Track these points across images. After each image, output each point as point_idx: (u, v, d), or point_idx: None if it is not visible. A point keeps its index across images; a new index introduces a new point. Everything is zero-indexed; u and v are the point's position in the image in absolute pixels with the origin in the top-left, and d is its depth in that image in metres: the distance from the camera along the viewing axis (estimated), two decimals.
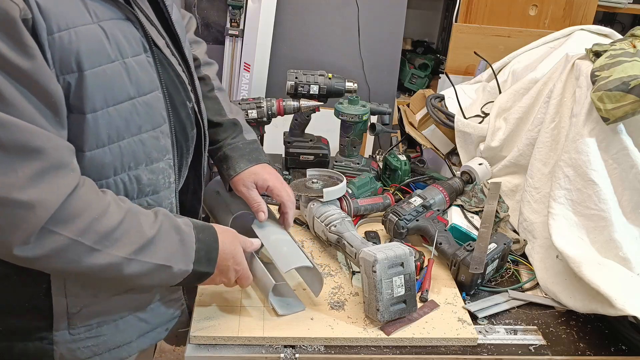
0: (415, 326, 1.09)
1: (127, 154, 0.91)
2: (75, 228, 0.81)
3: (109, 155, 0.89)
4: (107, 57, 0.85)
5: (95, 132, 0.86)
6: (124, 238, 0.86)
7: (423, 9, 2.95)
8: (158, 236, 0.90)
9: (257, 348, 1.04)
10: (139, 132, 0.92)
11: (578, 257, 1.15)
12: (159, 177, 0.99)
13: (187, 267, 0.93)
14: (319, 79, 1.61)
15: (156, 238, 0.89)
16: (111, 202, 0.86)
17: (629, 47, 1.26)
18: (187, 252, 0.93)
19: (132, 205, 0.90)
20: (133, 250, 0.87)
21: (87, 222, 0.82)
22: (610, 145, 1.20)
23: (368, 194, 1.50)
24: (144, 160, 0.95)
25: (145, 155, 0.94)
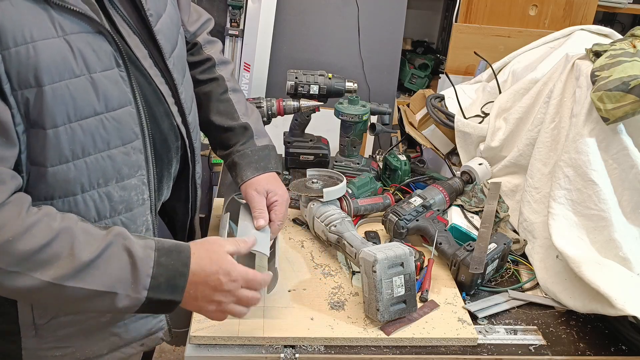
0: (415, 326, 1.09)
1: (95, 170, 0.88)
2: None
3: (73, 171, 0.86)
4: (70, 71, 0.81)
5: (57, 148, 0.83)
6: (52, 261, 0.80)
7: (423, 9, 2.95)
8: (99, 260, 0.82)
9: (257, 348, 1.04)
10: (107, 147, 0.89)
11: (578, 257, 1.15)
12: (131, 194, 0.95)
13: (137, 295, 0.84)
14: (319, 79, 1.61)
15: (96, 262, 0.82)
16: (38, 222, 0.81)
17: (629, 47, 1.26)
18: (139, 278, 0.84)
19: (72, 224, 0.84)
20: (61, 274, 0.80)
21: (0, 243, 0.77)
22: (610, 145, 1.20)
23: (368, 194, 1.50)
24: (114, 176, 0.91)
25: (115, 171, 0.91)
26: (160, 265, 0.86)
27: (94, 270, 0.82)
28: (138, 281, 0.84)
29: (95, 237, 0.84)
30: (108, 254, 0.83)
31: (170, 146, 1.03)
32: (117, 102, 0.88)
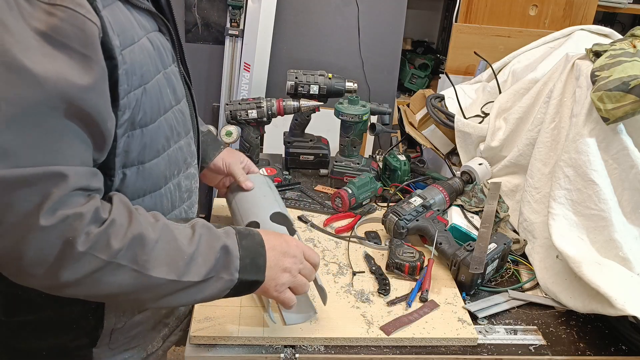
0: (415, 326, 1.09)
1: (172, 161, 0.92)
2: (111, 250, 0.76)
3: (161, 164, 0.90)
4: (156, 68, 0.85)
5: (153, 144, 0.86)
6: (165, 256, 0.80)
7: (423, 9, 2.95)
8: (198, 251, 0.83)
9: (257, 348, 1.03)
10: (179, 138, 0.93)
11: (578, 257, 1.15)
12: (191, 182, 1.00)
13: (231, 277, 0.86)
14: (319, 79, 1.61)
15: (196, 253, 0.83)
16: (146, 217, 0.82)
17: (629, 47, 1.26)
18: (231, 261, 0.86)
19: (167, 222, 0.85)
20: (177, 270, 0.81)
21: (121, 244, 0.76)
22: (610, 145, 1.20)
23: (368, 194, 1.50)
24: (182, 166, 0.96)
25: (183, 161, 0.95)
26: (243, 247, 0.88)
27: (196, 261, 0.83)
28: (230, 264, 0.85)
29: (185, 231, 0.85)
30: (203, 244, 0.84)
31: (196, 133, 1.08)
32: (180, 94, 0.93)
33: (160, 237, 0.80)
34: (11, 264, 0.73)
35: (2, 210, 0.69)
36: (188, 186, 0.99)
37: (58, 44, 0.68)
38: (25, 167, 0.68)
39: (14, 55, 0.65)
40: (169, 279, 0.80)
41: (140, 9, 0.83)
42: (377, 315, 1.11)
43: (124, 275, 0.77)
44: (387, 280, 1.21)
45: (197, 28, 2.55)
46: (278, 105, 1.59)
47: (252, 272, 0.88)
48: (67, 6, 0.68)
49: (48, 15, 0.67)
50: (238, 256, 0.87)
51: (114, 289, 0.78)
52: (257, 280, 0.89)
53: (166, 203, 0.93)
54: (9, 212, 0.69)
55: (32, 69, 0.66)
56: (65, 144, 0.72)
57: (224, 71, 2.58)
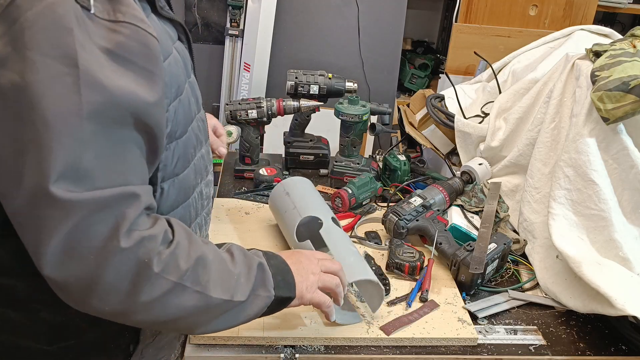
0: (415, 326, 1.09)
1: (197, 170, 0.92)
2: (180, 271, 0.75)
3: (190, 174, 0.89)
4: (183, 79, 0.84)
5: (184, 155, 0.86)
6: (220, 277, 0.80)
7: (423, 9, 2.95)
8: (241, 269, 0.83)
9: (257, 348, 1.03)
10: (200, 147, 0.93)
11: (578, 257, 1.15)
12: (210, 188, 1.00)
13: (268, 294, 0.85)
14: (319, 79, 1.61)
15: (240, 274, 0.83)
16: (206, 241, 0.83)
17: (629, 47, 1.26)
18: (267, 279, 0.86)
19: (211, 243, 0.85)
20: (231, 291, 0.81)
21: (187, 265, 0.76)
22: (610, 145, 1.20)
23: (368, 194, 1.50)
24: (203, 174, 0.96)
25: (204, 169, 0.96)
26: (272, 266, 0.88)
27: (240, 280, 0.82)
28: (267, 281, 0.85)
29: (225, 255, 0.84)
30: (243, 265, 0.84)
31: None
32: (200, 104, 0.93)
33: (215, 258, 0.80)
34: (84, 290, 0.71)
35: (83, 234, 0.67)
36: (208, 193, 0.99)
37: (124, 61, 0.67)
38: (104, 189, 0.67)
39: (93, 72, 0.65)
40: (224, 299, 0.79)
41: (165, 18, 0.83)
42: (377, 315, 1.11)
43: (188, 297, 0.76)
44: (387, 280, 1.21)
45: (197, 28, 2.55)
46: (278, 105, 1.59)
47: (285, 288, 0.88)
48: (131, 22, 0.68)
49: (112, 32, 0.67)
50: (271, 274, 0.86)
51: (178, 312, 0.76)
52: (290, 297, 0.90)
53: (193, 212, 0.93)
54: (89, 236, 0.67)
55: (108, 85, 0.66)
56: (134, 162, 0.72)
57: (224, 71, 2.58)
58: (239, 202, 1.51)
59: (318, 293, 0.93)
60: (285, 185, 1.31)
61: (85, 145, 0.65)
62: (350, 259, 1.11)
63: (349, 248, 1.16)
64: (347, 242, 1.19)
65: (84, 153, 0.65)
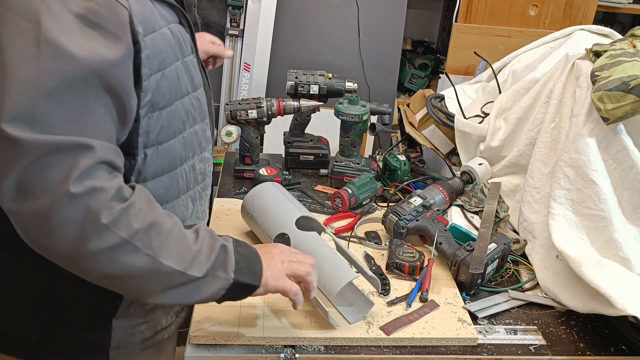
0: (415, 326, 1.09)
1: (188, 144, 0.99)
2: (131, 229, 0.79)
3: (177, 145, 0.96)
4: (175, 56, 0.92)
5: (169, 126, 0.93)
6: (175, 247, 0.84)
7: (423, 9, 2.95)
8: (202, 249, 0.87)
9: (257, 348, 1.03)
10: (194, 123, 1.01)
11: (578, 257, 1.15)
12: (206, 165, 1.07)
13: (227, 276, 0.89)
14: (319, 79, 1.61)
15: (200, 251, 0.87)
16: (163, 212, 0.87)
17: (629, 47, 1.26)
18: (228, 261, 0.89)
19: (177, 219, 0.89)
20: (184, 263, 0.84)
21: (140, 225, 0.80)
22: (610, 145, 1.20)
23: (368, 194, 1.50)
24: (197, 150, 1.03)
25: (198, 145, 1.03)
26: (239, 252, 0.92)
27: (199, 257, 0.87)
28: (228, 263, 0.89)
29: (188, 232, 0.89)
30: (206, 244, 0.89)
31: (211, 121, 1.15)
32: (197, 83, 1.00)
33: (173, 229, 0.85)
34: (36, 228, 0.77)
35: (36, 174, 0.74)
36: (202, 169, 1.06)
37: (93, 25, 0.76)
38: (59, 135, 0.74)
39: (53, 35, 0.73)
40: (177, 269, 0.83)
41: (163, 1, 0.91)
42: (377, 315, 1.11)
43: (138, 258, 0.80)
44: (387, 280, 1.21)
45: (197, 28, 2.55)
46: (278, 105, 1.59)
47: (249, 275, 0.91)
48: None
49: (86, 0, 0.76)
50: (234, 258, 0.90)
51: (126, 271, 0.81)
52: (253, 285, 0.92)
53: (182, 183, 1.00)
54: (42, 176, 0.74)
55: (69, 47, 0.74)
56: (94, 118, 0.78)
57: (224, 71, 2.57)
58: (239, 202, 1.50)
59: (285, 280, 0.95)
60: (245, 206, 1.30)
61: (43, 95, 0.73)
62: (326, 269, 1.08)
63: (321, 254, 1.11)
64: (319, 246, 1.14)
65: (42, 102, 0.73)
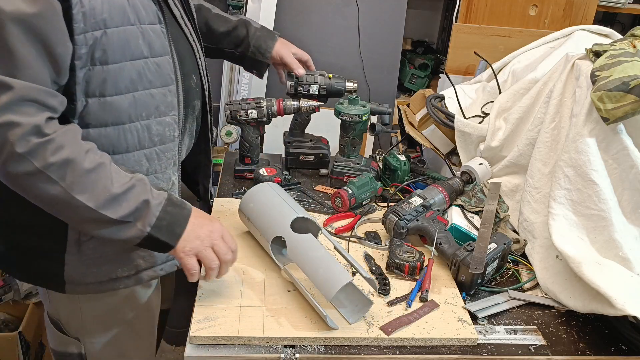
0: (415, 326, 1.10)
1: (140, 104, 1.07)
2: (45, 161, 0.91)
3: (124, 102, 1.04)
4: (127, 20, 1.01)
5: (114, 81, 1.01)
6: (92, 187, 0.96)
7: (423, 9, 2.95)
8: (124, 195, 0.98)
9: (257, 348, 1.04)
10: (150, 86, 1.07)
11: (578, 257, 1.15)
12: (165, 129, 1.13)
13: (143, 229, 1.00)
14: (319, 79, 1.61)
15: (121, 196, 0.98)
16: (89, 151, 0.97)
17: (629, 47, 1.26)
18: (148, 215, 1.00)
19: (108, 162, 0.99)
20: (96, 201, 0.96)
21: (54, 160, 0.92)
22: (610, 145, 1.20)
23: (368, 194, 1.50)
24: (153, 112, 1.10)
25: (154, 107, 1.10)
26: (166, 212, 1.03)
27: (119, 202, 0.98)
28: (146, 217, 1.00)
29: (123, 176, 1.00)
30: (132, 192, 1.00)
31: (195, 94, 1.24)
32: (158, 50, 1.08)
33: (93, 170, 0.96)
34: None
35: None
36: (160, 132, 1.12)
37: None
38: None
39: None
40: (87, 205, 0.95)
41: None
42: (377, 315, 1.11)
43: (51, 188, 0.94)
44: (387, 280, 1.21)
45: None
46: (278, 105, 1.59)
47: (165, 234, 1.02)
48: None
49: None
50: (156, 216, 1.01)
51: (43, 197, 0.96)
52: (168, 244, 1.03)
53: (131, 139, 1.08)
54: None
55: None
56: (18, 62, 0.89)
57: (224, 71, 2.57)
58: (238, 202, 1.50)
59: (192, 259, 1.05)
60: (242, 209, 1.31)
61: None
62: (320, 274, 1.09)
63: (315, 257, 1.12)
64: (313, 248, 1.15)
65: None
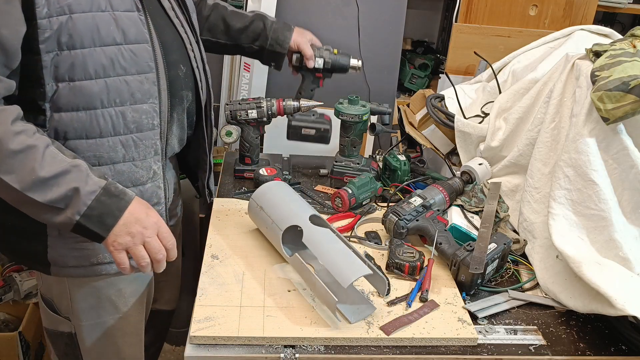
0: (415, 326, 1.10)
1: (113, 90, 1.07)
2: None
3: (95, 87, 1.05)
4: (97, 6, 1.02)
5: (83, 66, 1.02)
6: (17, 168, 0.96)
7: (423, 9, 2.95)
8: (53, 180, 0.98)
9: (257, 348, 1.04)
10: (124, 73, 1.08)
11: (578, 257, 1.15)
12: (142, 116, 1.13)
13: (71, 217, 1.00)
14: (324, 53, 1.60)
15: (50, 181, 0.98)
16: (20, 133, 0.97)
17: (629, 47, 1.26)
18: (78, 205, 1.00)
19: (42, 145, 0.98)
20: (21, 183, 0.96)
21: None
22: (610, 145, 1.20)
23: (368, 193, 1.50)
24: (128, 99, 1.10)
25: (130, 94, 1.09)
26: (99, 201, 1.02)
27: (47, 186, 0.98)
28: (76, 206, 1.00)
29: (58, 161, 1.00)
30: (63, 178, 0.99)
31: (184, 85, 1.23)
32: (134, 38, 1.07)
33: (21, 152, 0.96)
34: None
35: None
36: (137, 119, 1.12)
37: None
38: None
39: None
40: (13, 186, 0.96)
41: None
42: (377, 315, 1.11)
43: None
44: (387, 280, 1.21)
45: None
46: (278, 105, 1.59)
47: (96, 225, 1.02)
48: None
49: None
50: (87, 204, 1.00)
51: None
52: (98, 234, 1.03)
53: (104, 124, 1.09)
54: None
55: None
56: None
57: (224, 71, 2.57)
58: (239, 202, 1.51)
59: (121, 253, 1.05)
60: (256, 199, 1.31)
61: None
62: (340, 262, 1.11)
63: (335, 248, 1.15)
64: (333, 240, 1.18)
65: None
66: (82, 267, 1.18)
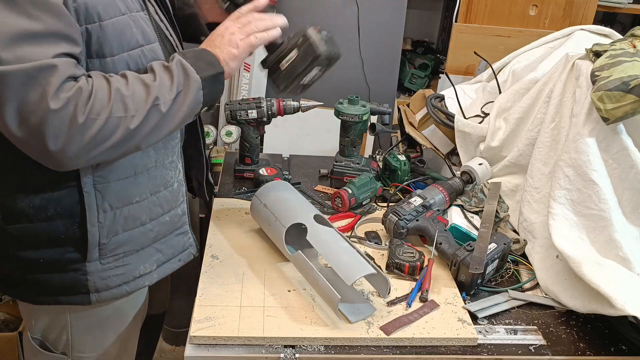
0: (415, 326, 1.10)
1: None
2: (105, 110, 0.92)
3: None
4: (117, 10, 1.00)
5: (113, 73, 0.99)
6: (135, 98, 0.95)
7: (423, 9, 2.95)
8: (168, 71, 0.99)
9: (257, 348, 1.04)
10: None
11: (578, 257, 1.15)
12: None
13: (195, 79, 1.00)
14: None
15: (162, 82, 0.98)
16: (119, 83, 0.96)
17: (629, 47, 1.26)
18: (187, 68, 1.00)
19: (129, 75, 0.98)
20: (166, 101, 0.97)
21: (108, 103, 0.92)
22: (610, 145, 1.20)
23: (368, 194, 1.50)
24: None
25: None
26: (188, 57, 1.02)
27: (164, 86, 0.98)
28: (188, 71, 1.00)
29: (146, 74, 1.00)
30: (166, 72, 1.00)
31: None
32: (151, 37, 1.07)
33: (130, 84, 0.96)
34: (40, 144, 0.89)
35: (20, 102, 0.86)
36: None
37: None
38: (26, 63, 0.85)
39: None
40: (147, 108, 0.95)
41: None
42: (377, 315, 1.11)
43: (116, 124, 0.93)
44: None
45: None
46: (278, 105, 1.59)
47: (209, 67, 1.02)
48: None
49: None
50: (189, 64, 1.00)
51: (116, 140, 0.94)
52: (218, 72, 1.03)
53: None
54: (26, 102, 0.86)
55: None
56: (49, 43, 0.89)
57: None
58: (239, 202, 1.51)
59: (243, 42, 1.07)
60: (260, 196, 1.32)
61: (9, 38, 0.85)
62: (344, 259, 1.12)
63: (340, 246, 1.16)
64: (337, 239, 1.19)
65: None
66: (126, 283, 1.15)
